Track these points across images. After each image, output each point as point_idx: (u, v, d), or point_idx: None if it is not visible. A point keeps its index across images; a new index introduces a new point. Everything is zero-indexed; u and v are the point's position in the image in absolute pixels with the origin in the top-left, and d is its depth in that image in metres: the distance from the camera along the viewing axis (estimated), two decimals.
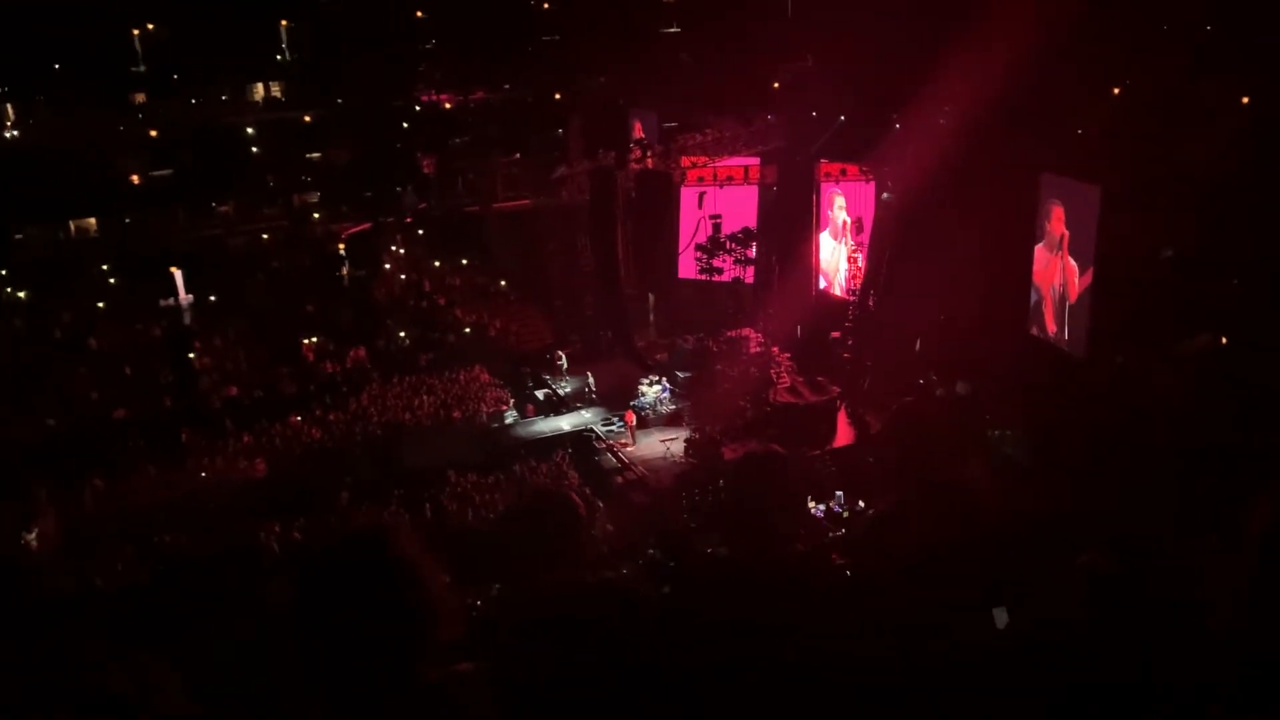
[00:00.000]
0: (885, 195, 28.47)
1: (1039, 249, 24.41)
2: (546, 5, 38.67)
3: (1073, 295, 23.27)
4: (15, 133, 33.59)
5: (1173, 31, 20.64)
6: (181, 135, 34.58)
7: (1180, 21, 20.61)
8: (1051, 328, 24.31)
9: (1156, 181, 19.58)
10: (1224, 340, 19.58)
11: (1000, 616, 4.71)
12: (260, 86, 37.59)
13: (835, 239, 31.28)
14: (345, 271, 36.12)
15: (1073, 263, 23.15)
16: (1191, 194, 18.92)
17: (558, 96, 36.08)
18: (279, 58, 37.72)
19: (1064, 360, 23.44)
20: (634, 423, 27.68)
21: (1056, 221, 23.49)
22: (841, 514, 20.90)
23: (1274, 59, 18.71)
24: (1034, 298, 24.81)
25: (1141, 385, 19.88)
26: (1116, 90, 21.74)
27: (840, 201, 30.77)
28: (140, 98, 35.23)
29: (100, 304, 32.61)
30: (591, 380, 30.46)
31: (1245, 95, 19.57)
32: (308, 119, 36.43)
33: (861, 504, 20.57)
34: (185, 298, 33.69)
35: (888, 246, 28.16)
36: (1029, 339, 24.91)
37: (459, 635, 2.28)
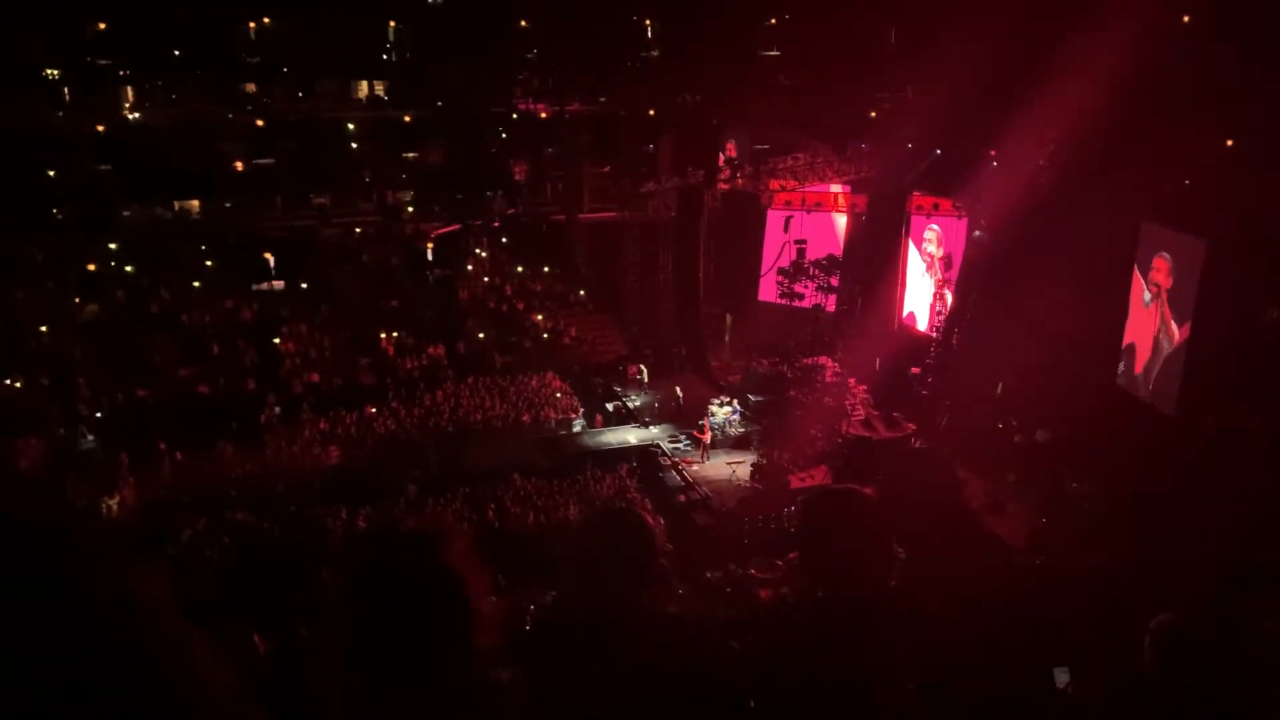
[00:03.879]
0: (977, 233, 27.90)
1: (1135, 299, 23.64)
2: (649, 22, 38.96)
3: (1168, 349, 22.46)
4: (134, 115, 35.06)
5: None
6: (286, 126, 35.70)
7: None
8: (1143, 380, 23.48)
9: (1266, 238, 18.79)
10: None
11: (1060, 676, 4.50)
12: (364, 84, 38.60)
13: (924, 274, 30.76)
14: (432, 271, 36.78)
15: (1170, 316, 22.35)
16: None
17: (651, 112, 36.25)
18: (385, 57, 38.72)
19: (1151, 417, 22.61)
20: (709, 439, 27.38)
21: (1158, 272, 22.70)
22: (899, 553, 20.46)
23: None
24: (1128, 348, 24.02)
25: (1232, 449, 19.04)
26: (1229, 141, 20.94)
27: (932, 235, 30.27)
28: (250, 88, 36.49)
29: (196, 283, 33.76)
30: (680, 393, 30.32)
31: None
32: (407, 119, 37.26)
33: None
34: (277, 283, 34.70)
35: (976, 285, 27.58)
36: (1115, 391, 24.10)
37: (497, 644, 2.30)
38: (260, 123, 35.40)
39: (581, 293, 37.26)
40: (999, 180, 25.94)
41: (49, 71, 33.25)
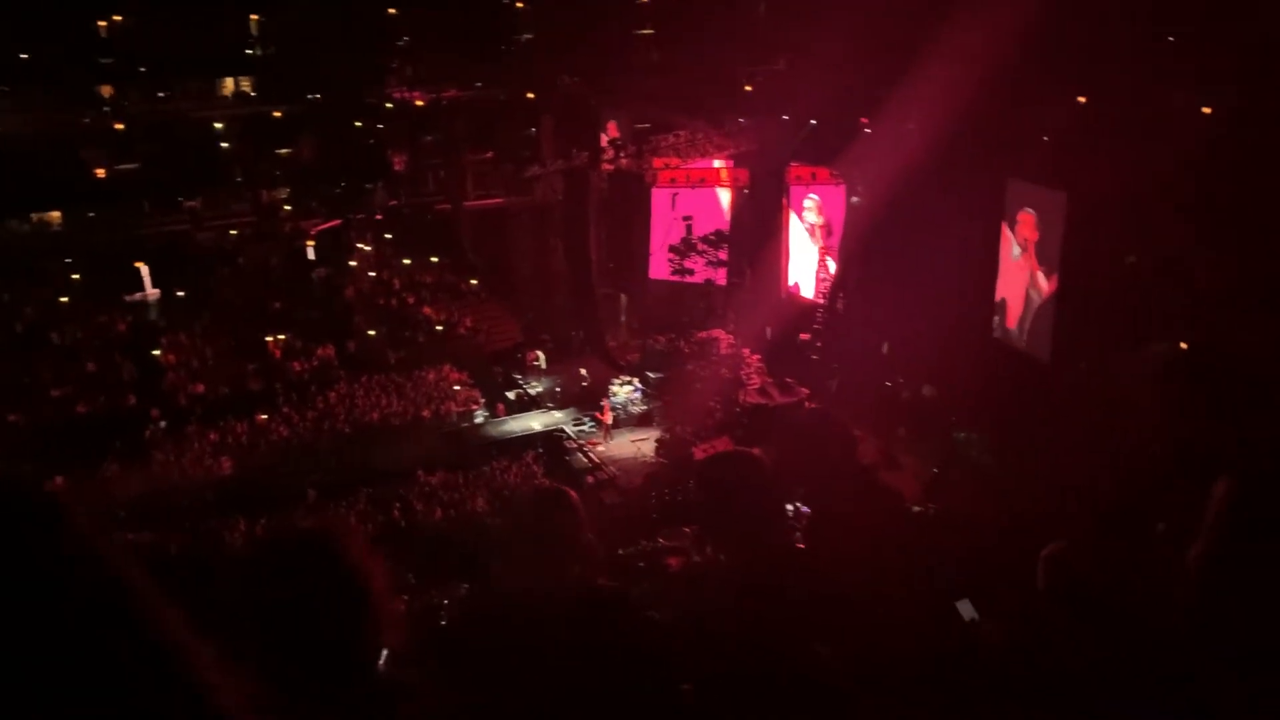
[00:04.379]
0: (855, 199, 28.71)
1: (1006, 254, 24.72)
2: (520, 4, 38.60)
3: (1038, 300, 23.59)
4: None
5: (1137, 42, 20.98)
6: (148, 129, 34.15)
7: (1145, 32, 20.99)
8: (1017, 332, 24.61)
9: (1121, 189, 19.89)
10: (1184, 346, 19.92)
11: (966, 608, 4.76)
12: (230, 81, 37.19)
13: (808, 242, 31.48)
14: (314, 269, 35.83)
15: (1039, 268, 23.47)
16: (1155, 201, 19.26)
17: (530, 95, 36.00)
18: (249, 52, 37.35)
19: (1029, 364, 23.75)
20: (609, 420, 27.63)
21: (1025, 227, 23.80)
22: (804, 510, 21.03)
23: (1233, 71, 19.12)
24: (1000, 303, 25.12)
25: (1103, 389, 20.19)
26: (1082, 99, 22.04)
27: (811, 204, 30.99)
28: (106, 90, 34.75)
29: (63, 298, 32.11)
30: (585, 374, 30.34)
31: (1207, 105, 19.93)
32: (278, 114, 36.09)
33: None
34: (151, 292, 33.29)
35: (856, 250, 28.41)
36: (995, 343, 25.22)
37: (398, 642, 2.27)
38: (120, 126, 33.78)
39: (473, 282, 36.87)
40: (873, 147, 26.72)
41: None
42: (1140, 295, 20.34)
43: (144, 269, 33.25)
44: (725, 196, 33.38)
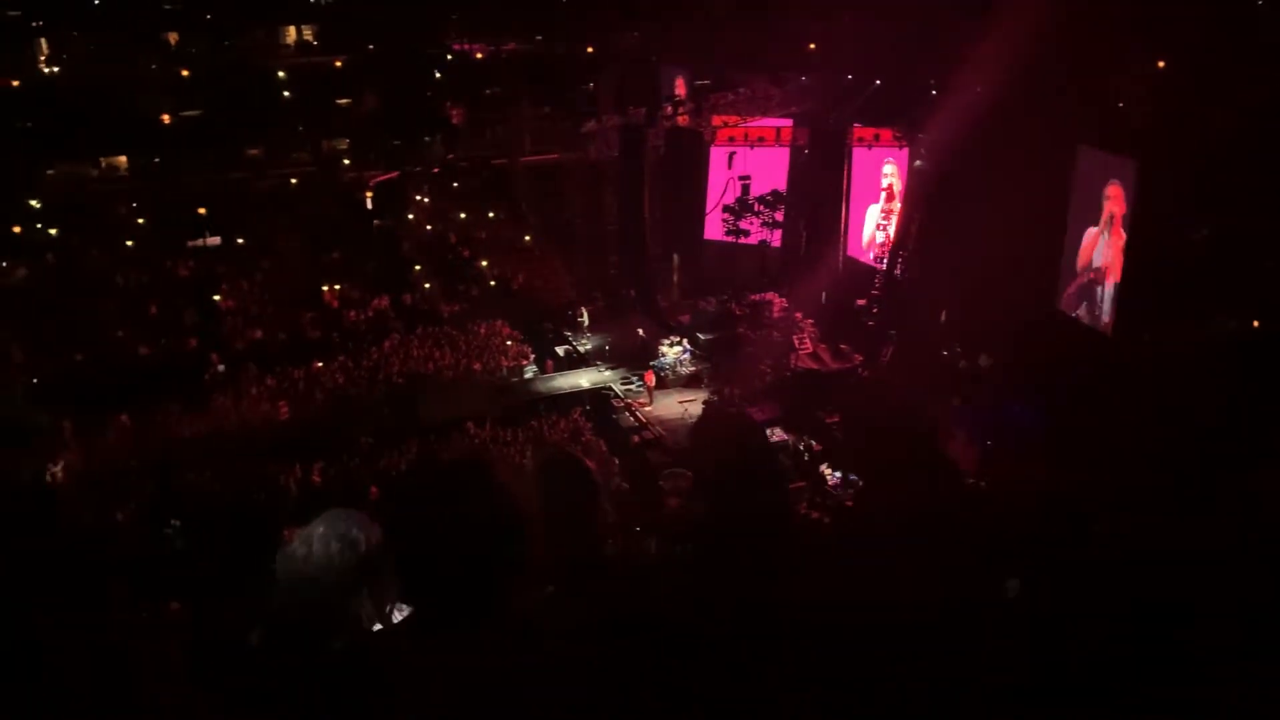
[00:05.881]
0: (918, 163, 28.07)
1: (1088, 228, 23.86)
2: None
3: (1116, 273, 22.75)
4: (51, 69, 33.67)
5: (1217, 7, 20.13)
6: (213, 76, 34.56)
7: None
8: (1087, 303, 23.95)
9: (1195, 158, 19.16)
10: (1256, 324, 19.26)
11: (1013, 587, 4.66)
12: (292, 29, 37.43)
13: (876, 205, 30.78)
14: (373, 220, 36.16)
15: (1116, 238, 22.72)
16: (1230, 172, 18.54)
17: (590, 50, 35.67)
18: (312, 1, 37.54)
19: (1091, 336, 23.16)
20: (653, 383, 27.69)
21: (1113, 201, 22.85)
22: (856, 481, 20.89)
23: None
24: (1073, 273, 24.38)
25: (1168, 363, 19.61)
26: (1161, 64, 21.22)
27: (892, 169, 30.16)
28: (173, 37, 35.19)
29: (129, 242, 32.84)
30: (643, 334, 30.27)
31: None
32: (339, 64, 36.28)
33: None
34: (212, 239, 33.88)
35: (918, 215, 27.82)
36: (1055, 313, 24.61)
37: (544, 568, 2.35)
38: (185, 73, 34.24)
39: (528, 238, 36.93)
40: (938, 109, 26.03)
41: None
42: (1211, 270, 19.67)
43: (206, 215, 33.86)
44: (784, 156, 32.85)
